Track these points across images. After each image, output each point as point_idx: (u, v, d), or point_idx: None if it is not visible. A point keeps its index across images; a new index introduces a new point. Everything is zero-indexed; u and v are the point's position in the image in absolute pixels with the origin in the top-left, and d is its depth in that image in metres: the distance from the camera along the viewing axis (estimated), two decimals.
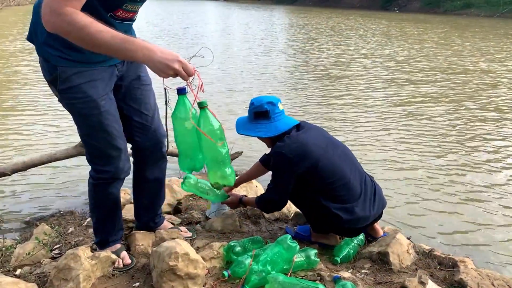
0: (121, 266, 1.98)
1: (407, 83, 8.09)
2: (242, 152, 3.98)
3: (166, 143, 2.03)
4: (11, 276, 1.87)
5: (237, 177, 2.38)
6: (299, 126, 2.18)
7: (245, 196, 2.48)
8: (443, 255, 2.08)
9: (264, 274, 1.85)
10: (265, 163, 2.45)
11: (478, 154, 4.55)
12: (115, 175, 1.87)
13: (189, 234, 2.32)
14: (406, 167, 4.18)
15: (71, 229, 2.58)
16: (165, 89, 1.66)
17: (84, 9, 1.38)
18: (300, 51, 12.07)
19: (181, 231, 2.30)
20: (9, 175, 3.10)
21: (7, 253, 2.13)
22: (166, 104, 1.71)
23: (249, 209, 2.69)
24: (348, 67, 9.63)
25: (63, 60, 1.59)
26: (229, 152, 1.81)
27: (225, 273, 1.89)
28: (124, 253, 2.04)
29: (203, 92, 1.56)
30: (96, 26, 1.35)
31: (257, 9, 34.52)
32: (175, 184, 2.82)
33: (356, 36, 15.82)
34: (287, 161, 2.04)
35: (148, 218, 2.25)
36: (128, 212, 2.44)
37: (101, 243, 2.04)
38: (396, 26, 19.99)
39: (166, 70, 1.40)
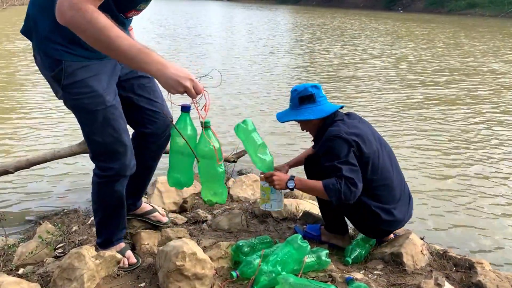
0: (127, 265, 1.92)
1: (420, 85, 7.86)
2: None
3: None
4: (14, 276, 1.82)
5: (288, 161, 2.39)
6: (349, 115, 2.13)
7: (295, 178, 2.08)
8: (458, 256, 2.01)
9: (274, 275, 1.79)
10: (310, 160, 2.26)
11: (490, 152, 4.48)
12: (121, 172, 1.80)
13: (166, 219, 2.30)
14: (415, 167, 4.12)
15: (74, 228, 2.53)
16: (171, 106, 1.65)
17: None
18: (307, 51, 11.92)
19: (160, 213, 2.30)
20: (12, 172, 3.06)
21: (10, 252, 2.08)
22: (171, 120, 1.71)
23: (256, 208, 2.63)
24: (357, 68, 9.48)
25: (68, 55, 1.55)
26: (224, 173, 1.81)
27: (234, 273, 1.83)
28: (129, 252, 1.99)
29: (206, 112, 1.56)
30: (116, 30, 1.33)
31: (261, 9, 34.51)
32: None
33: (363, 36, 15.70)
34: (346, 143, 1.94)
35: (132, 201, 2.18)
36: None
37: (105, 243, 1.96)
38: (402, 26, 19.89)
39: (177, 86, 1.41)
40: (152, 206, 2.33)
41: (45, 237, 2.20)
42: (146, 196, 2.66)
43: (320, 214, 2.62)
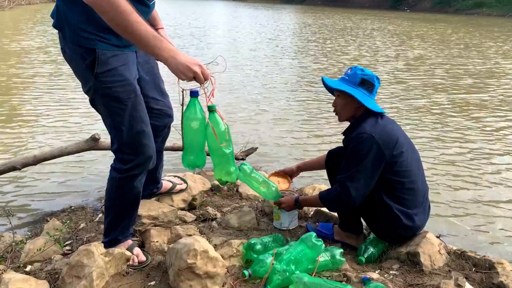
0: (136, 263, 1.88)
1: (443, 89, 7.33)
2: (257, 148, 3.89)
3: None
4: (21, 273, 1.78)
5: (300, 162, 2.47)
6: (382, 116, 2.10)
7: (301, 195, 2.31)
8: (477, 256, 1.95)
9: (287, 274, 1.74)
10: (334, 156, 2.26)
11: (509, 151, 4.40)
12: (145, 164, 1.79)
13: (185, 186, 2.51)
14: (431, 164, 4.04)
15: (82, 225, 2.49)
16: (182, 91, 1.69)
17: None
18: (319, 52, 11.55)
19: (178, 183, 2.48)
20: (19, 169, 3.02)
21: (17, 249, 2.04)
22: (182, 105, 1.74)
23: (267, 206, 2.58)
24: (375, 71, 9.16)
25: (102, 43, 1.57)
26: (233, 152, 1.88)
27: (246, 272, 1.79)
28: (137, 250, 1.95)
29: (213, 97, 1.66)
30: (135, 16, 1.41)
31: (268, 9, 34.45)
32: (190, 180, 2.71)
33: (375, 37, 15.35)
34: (375, 146, 1.91)
35: (152, 187, 2.31)
36: (141, 207, 2.34)
37: (112, 242, 1.91)
38: (412, 26, 19.54)
39: (187, 72, 1.49)
40: (171, 182, 2.48)
41: (53, 234, 2.17)
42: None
43: (332, 212, 2.57)
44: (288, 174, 2.54)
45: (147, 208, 2.22)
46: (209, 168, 2.67)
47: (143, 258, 1.93)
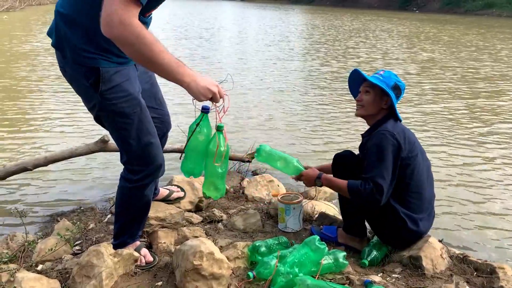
0: (144, 263, 1.93)
1: (456, 94, 7.15)
2: None
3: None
4: (33, 272, 1.84)
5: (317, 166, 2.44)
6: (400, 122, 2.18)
7: (322, 175, 2.17)
8: (479, 261, 1.97)
9: (291, 276, 1.77)
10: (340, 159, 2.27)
11: None
12: (155, 174, 1.84)
13: (182, 194, 2.52)
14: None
15: (91, 225, 2.55)
16: (194, 105, 1.74)
17: None
18: (330, 54, 11.41)
19: (175, 191, 2.49)
20: (31, 170, 3.10)
21: (29, 249, 2.10)
22: (197, 125, 1.80)
23: (272, 209, 2.62)
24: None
25: (104, 61, 1.60)
26: (226, 172, 1.97)
27: (250, 274, 1.82)
28: (144, 250, 2.00)
29: (224, 113, 1.75)
30: (159, 45, 1.42)
31: (276, 9, 34.43)
32: (197, 182, 2.76)
33: (385, 38, 15.17)
34: (396, 144, 1.98)
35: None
36: None
37: (121, 245, 1.96)
38: (422, 27, 19.22)
39: (206, 93, 1.56)
40: (168, 189, 2.48)
41: (63, 234, 2.23)
42: None
43: (336, 215, 2.61)
44: None
45: (155, 210, 2.27)
46: None
47: (150, 258, 1.97)
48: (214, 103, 1.66)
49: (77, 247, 2.24)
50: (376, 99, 2.13)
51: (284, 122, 5.53)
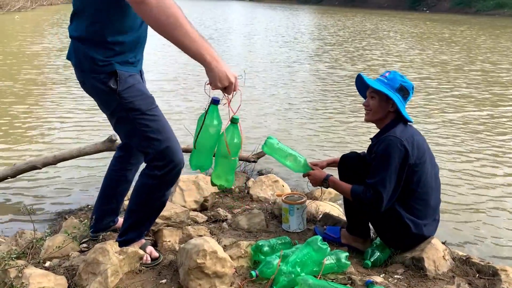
0: (149, 261, 1.96)
1: (475, 99, 6.86)
2: None
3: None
4: (41, 268, 1.88)
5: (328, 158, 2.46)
6: (410, 126, 2.15)
7: (332, 176, 2.21)
8: (482, 263, 1.97)
9: (293, 275, 1.80)
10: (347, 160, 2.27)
11: None
12: (179, 166, 1.83)
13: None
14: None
15: None
16: (210, 97, 1.74)
17: None
18: (342, 56, 11.14)
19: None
20: (40, 168, 3.16)
21: (37, 246, 2.15)
22: (206, 110, 1.78)
23: (276, 209, 2.64)
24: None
25: (119, 65, 1.71)
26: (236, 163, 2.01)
27: (253, 273, 1.85)
28: (150, 248, 2.03)
29: (238, 108, 1.74)
30: (186, 19, 1.48)
31: (285, 9, 34.36)
32: (202, 181, 2.79)
33: (397, 40, 14.84)
34: (403, 150, 1.96)
35: (110, 220, 2.24)
36: None
37: (127, 242, 1.97)
38: (434, 28, 18.76)
39: (224, 80, 1.56)
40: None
41: (71, 231, 2.27)
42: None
43: (340, 216, 2.62)
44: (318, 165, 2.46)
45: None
46: None
47: (156, 254, 2.01)
48: (226, 95, 1.63)
49: (84, 245, 2.27)
50: (381, 103, 2.11)
51: (291, 121, 5.55)
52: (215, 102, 1.75)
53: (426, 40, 15.32)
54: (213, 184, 1.94)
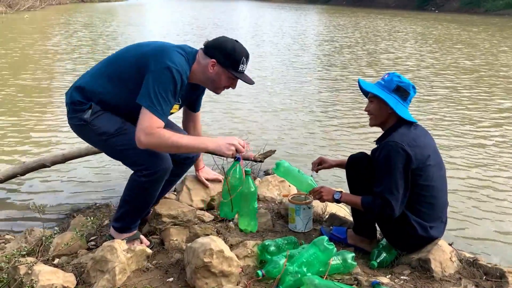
0: (148, 243, 2.12)
1: (497, 104, 6.60)
2: (275, 150, 3.93)
3: None
4: (50, 265, 1.91)
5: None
6: (416, 127, 2.10)
7: (342, 191, 2.21)
8: (489, 265, 1.96)
9: (299, 275, 1.80)
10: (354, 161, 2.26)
11: None
12: (163, 172, 2.02)
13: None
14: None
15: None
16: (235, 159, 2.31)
17: None
18: (353, 58, 10.85)
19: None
20: (49, 166, 3.19)
21: (47, 243, 2.17)
22: (227, 173, 2.38)
23: (282, 209, 2.65)
24: (416, 81, 7.61)
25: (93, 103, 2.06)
26: (257, 209, 2.43)
27: (259, 272, 1.85)
28: (141, 237, 2.17)
29: (253, 158, 2.39)
30: (177, 135, 1.91)
31: (294, 9, 34.17)
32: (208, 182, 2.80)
33: (408, 40, 14.52)
34: (403, 155, 1.94)
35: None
36: (162, 206, 2.44)
37: (122, 229, 2.11)
38: (445, 29, 18.34)
39: (229, 149, 1.96)
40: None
41: (79, 229, 2.29)
42: (175, 193, 2.71)
43: (346, 216, 2.62)
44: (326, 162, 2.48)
45: (168, 207, 2.32)
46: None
47: (147, 242, 2.15)
48: (240, 152, 2.00)
49: (92, 243, 2.30)
50: (381, 106, 2.09)
51: (298, 123, 5.54)
52: (236, 159, 2.23)
53: (443, 42, 14.54)
54: (240, 230, 2.35)
